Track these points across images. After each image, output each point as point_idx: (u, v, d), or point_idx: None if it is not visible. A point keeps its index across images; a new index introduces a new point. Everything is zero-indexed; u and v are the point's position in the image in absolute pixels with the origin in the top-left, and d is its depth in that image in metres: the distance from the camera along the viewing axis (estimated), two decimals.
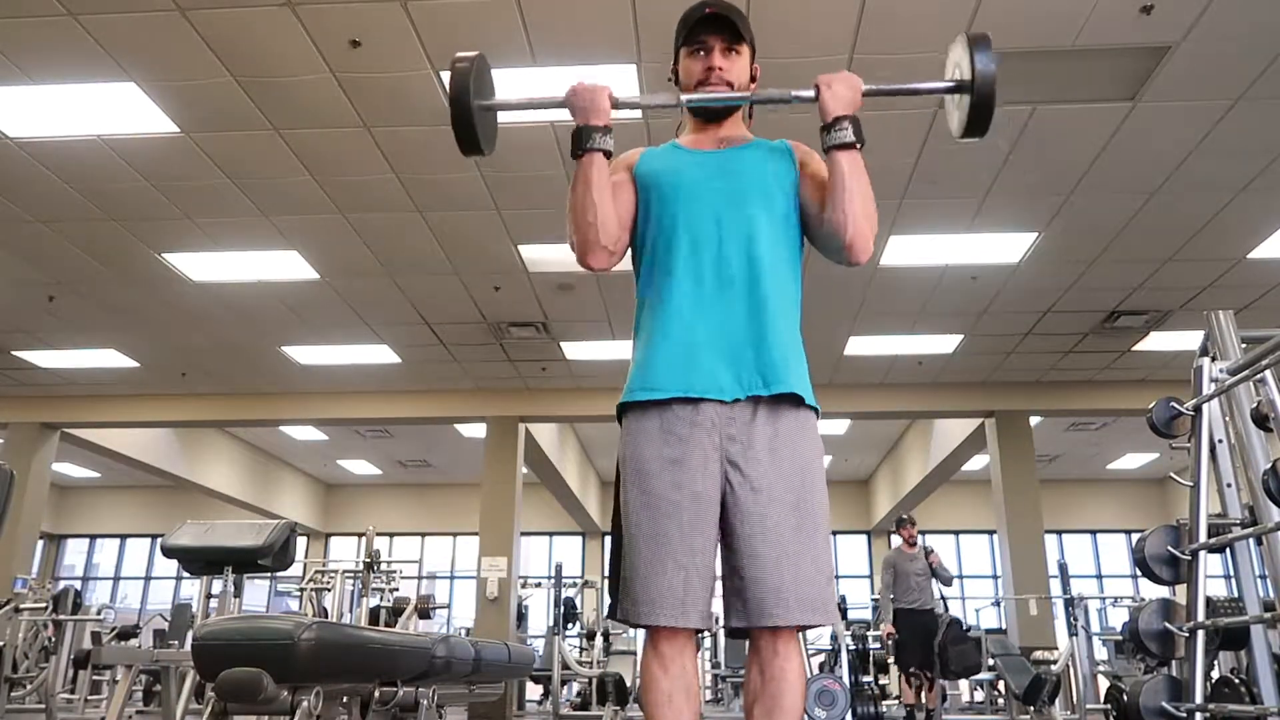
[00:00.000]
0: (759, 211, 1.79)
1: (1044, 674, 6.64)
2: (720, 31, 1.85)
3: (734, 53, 1.86)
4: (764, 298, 1.74)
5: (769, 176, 1.83)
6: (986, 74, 1.73)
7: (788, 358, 1.73)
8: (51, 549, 16.63)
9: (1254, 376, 2.72)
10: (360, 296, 7.73)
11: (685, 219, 1.79)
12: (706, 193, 1.81)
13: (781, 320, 1.76)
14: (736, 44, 1.86)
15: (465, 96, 1.76)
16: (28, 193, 5.99)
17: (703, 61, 1.85)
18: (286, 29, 4.47)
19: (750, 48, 1.90)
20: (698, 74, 1.86)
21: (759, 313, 1.74)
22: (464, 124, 1.78)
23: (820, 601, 1.65)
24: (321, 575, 9.11)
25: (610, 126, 1.76)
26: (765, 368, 1.71)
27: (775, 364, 1.71)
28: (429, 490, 16.46)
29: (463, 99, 1.76)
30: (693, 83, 1.87)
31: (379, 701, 2.44)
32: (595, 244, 1.78)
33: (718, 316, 1.74)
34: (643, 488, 1.69)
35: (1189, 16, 4.36)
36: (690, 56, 1.87)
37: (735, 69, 1.86)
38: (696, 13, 1.86)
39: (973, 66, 1.73)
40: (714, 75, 1.84)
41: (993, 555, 15.53)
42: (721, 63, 1.85)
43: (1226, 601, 2.87)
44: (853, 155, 1.75)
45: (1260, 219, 6.31)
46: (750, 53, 1.90)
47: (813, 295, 2.03)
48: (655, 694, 1.65)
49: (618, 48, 4.63)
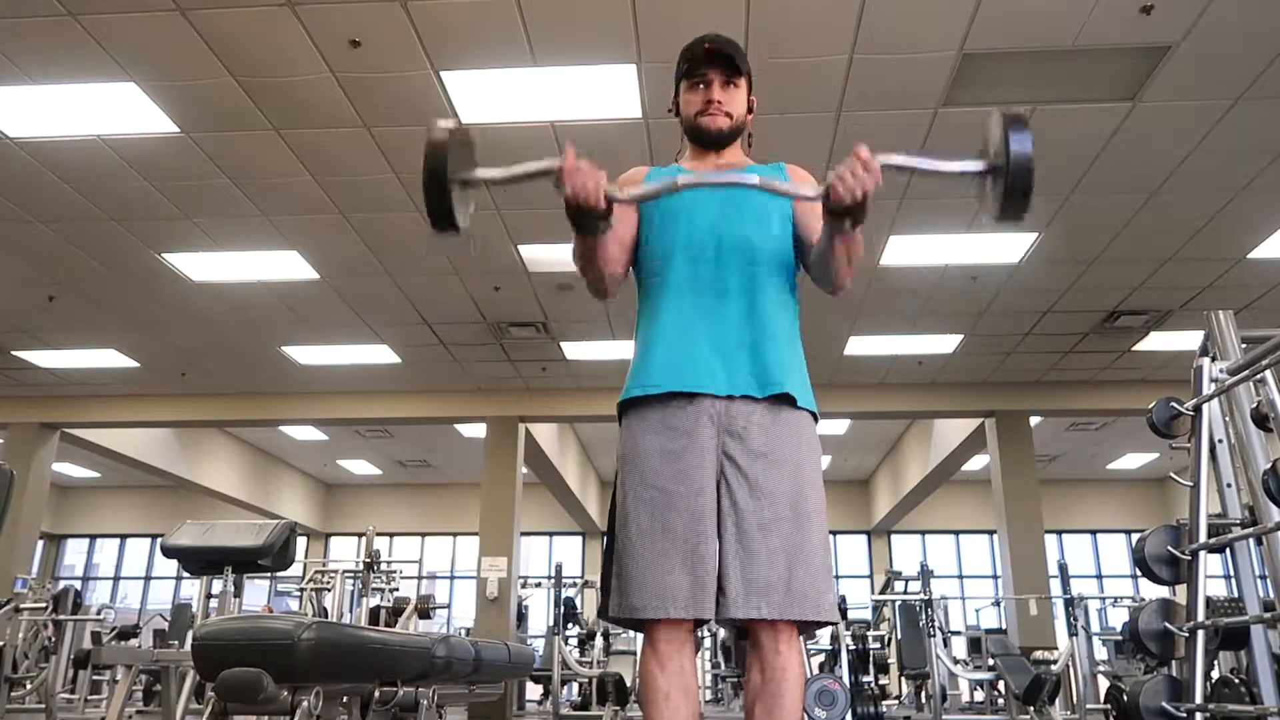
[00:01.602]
0: (756, 229, 1.85)
1: (1044, 674, 6.63)
2: (720, 66, 1.90)
3: (733, 85, 1.92)
4: (761, 306, 1.79)
5: (766, 197, 1.86)
6: (1022, 158, 1.56)
7: (784, 360, 1.77)
8: (51, 549, 16.62)
9: (1254, 376, 2.73)
10: (360, 296, 7.73)
11: (685, 235, 1.85)
12: (706, 210, 1.86)
13: (778, 324, 1.80)
14: (735, 78, 1.92)
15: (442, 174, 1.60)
16: (28, 193, 5.99)
17: (702, 94, 1.91)
18: (286, 29, 4.47)
19: (748, 80, 1.95)
20: (698, 105, 1.92)
21: (755, 318, 1.78)
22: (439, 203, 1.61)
23: (814, 596, 1.66)
24: (321, 575, 9.11)
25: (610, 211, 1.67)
26: (760, 370, 1.75)
27: (770, 366, 1.75)
28: (429, 490, 16.46)
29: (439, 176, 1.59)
30: (693, 113, 1.92)
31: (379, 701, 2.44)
32: (604, 292, 1.88)
33: (715, 321, 1.78)
34: (642, 481, 1.72)
35: (1189, 16, 4.36)
36: (690, 89, 1.93)
37: (734, 101, 1.92)
38: (697, 47, 1.90)
39: (1006, 149, 1.58)
40: (713, 107, 1.90)
41: (993, 555, 15.53)
42: (720, 95, 1.90)
43: (1226, 601, 2.87)
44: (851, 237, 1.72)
45: (1260, 219, 6.31)
46: (748, 85, 1.96)
47: (812, 295, 2.04)
48: (653, 692, 1.66)
49: (618, 48, 4.63)
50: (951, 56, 4.68)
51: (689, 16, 4.30)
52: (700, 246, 1.83)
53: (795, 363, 1.80)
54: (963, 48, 4.61)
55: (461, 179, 1.65)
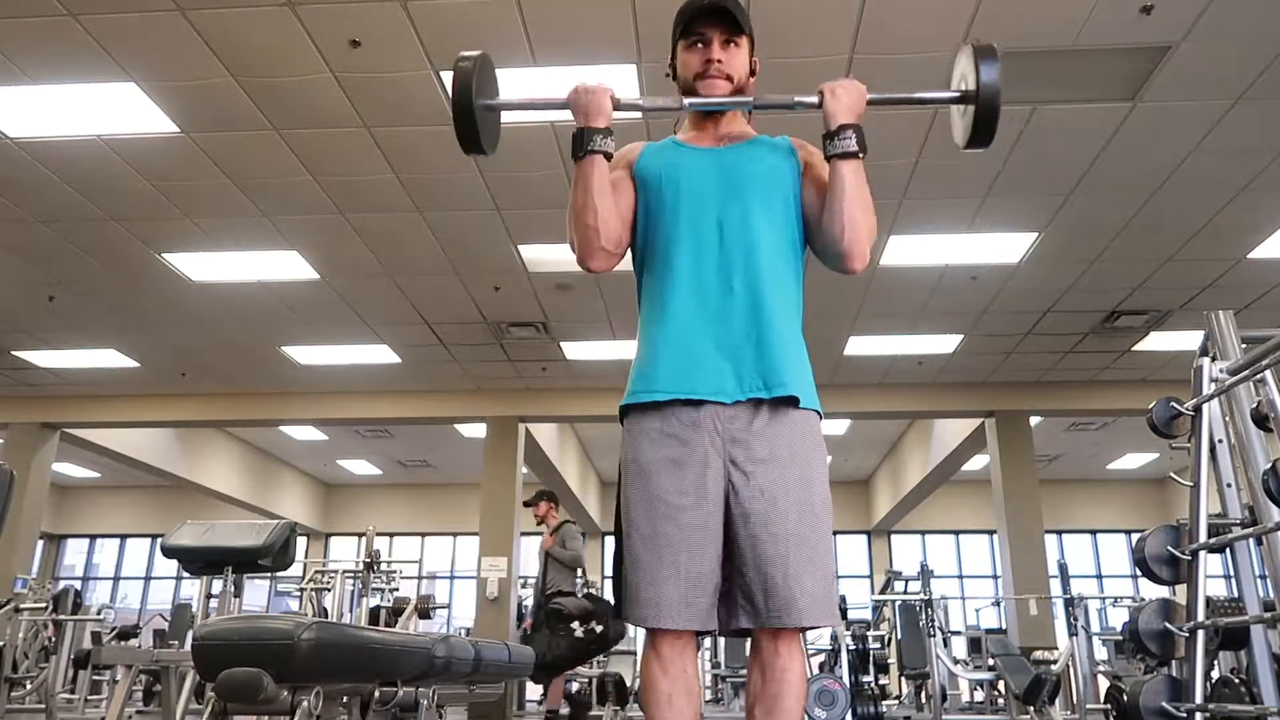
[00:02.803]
0: (760, 211, 1.78)
1: (1044, 674, 6.63)
2: (719, 23, 1.81)
3: (733, 45, 1.83)
4: (765, 300, 1.74)
5: (770, 175, 1.82)
6: (991, 85, 1.73)
7: (789, 360, 1.72)
8: (51, 549, 16.62)
9: (1254, 376, 2.73)
10: (360, 296, 7.73)
11: (686, 219, 1.78)
12: (707, 192, 1.79)
13: (782, 322, 1.75)
14: (736, 36, 1.83)
15: (468, 95, 1.75)
16: (28, 193, 5.99)
17: (701, 54, 1.82)
18: (286, 29, 4.47)
19: (750, 40, 1.87)
20: (696, 67, 1.83)
21: (760, 315, 1.73)
22: (466, 123, 1.77)
23: (823, 603, 1.64)
24: (321, 575, 9.12)
25: (611, 129, 1.75)
26: (766, 370, 1.70)
27: (776, 367, 1.71)
28: (429, 490, 16.45)
29: (466, 97, 1.75)
30: (691, 76, 1.84)
31: (379, 701, 2.44)
32: (596, 246, 1.77)
33: (719, 319, 1.73)
34: (644, 490, 1.69)
35: (1189, 16, 4.36)
36: (688, 49, 1.84)
37: (734, 62, 1.83)
38: (695, 4, 1.82)
39: (978, 77, 1.74)
40: (712, 68, 1.81)
41: (993, 555, 15.53)
42: (720, 55, 1.81)
43: (1226, 601, 2.87)
44: (855, 164, 1.74)
45: (1260, 219, 6.31)
46: (750, 45, 1.88)
47: (813, 295, 2.03)
48: (655, 695, 1.65)
49: (618, 48, 4.63)
50: (952, 56, 4.67)
51: None
52: (704, 238, 1.76)
53: (800, 361, 1.76)
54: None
55: (485, 105, 1.80)
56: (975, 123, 1.76)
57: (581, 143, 1.75)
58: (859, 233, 1.74)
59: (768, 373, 1.70)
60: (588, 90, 1.76)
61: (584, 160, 1.75)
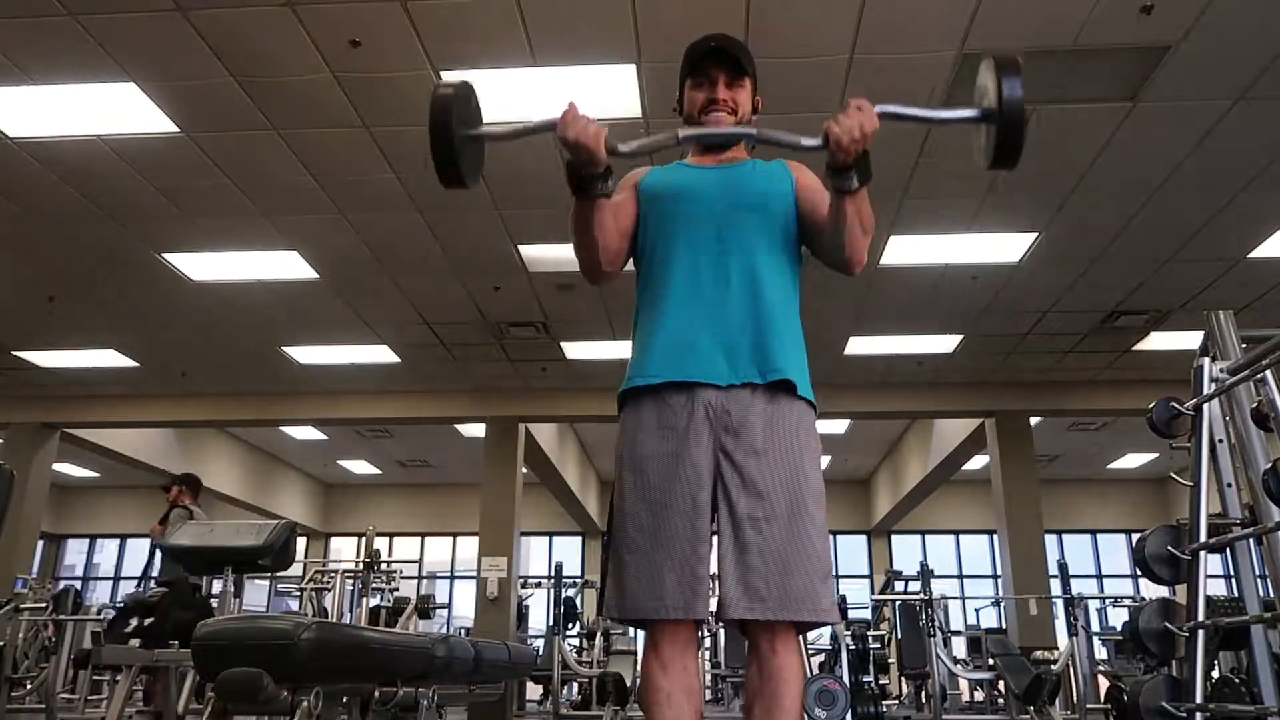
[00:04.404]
0: (758, 220, 1.84)
1: (1044, 674, 6.63)
2: (724, 64, 1.89)
3: (737, 85, 1.90)
4: (763, 292, 1.78)
5: (768, 188, 1.88)
6: (1014, 102, 1.60)
7: (786, 347, 1.76)
8: (51, 549, 16.62)
9: (1254, 376, 2.73)
10: (360, 296, 7.73)
11: (686, 225, 1.84)
12: (707, 198, 1.86)
13: (780, 313, 1.79)
14: (739, 77, 1.90)
15: (447, 127, 1.64)
16: (28, 193, 5.99)
17: (706, 93, 1.90)
18: (286, 29, 4.47)
19: (753, 80, 1.94)
20: (701, 104, 1.90)
21: (757, 305, 1.77)
22: (445, 154, 1.65)
23: (811, 597, 1.65)
24: (321, 575, 9.12)
25: (610, 170, 1.71)
26: (762, 356, 1.74)
27: (773, 352, 1.74)
28: (429, 490, 16.45)
29: (445, 129, 1.64)
30: (696, 112, 1.90)
31: (379, 701, 2.45)
32: (600, 271, 1.86)
33: (715, 308, 1.77)
34: (638, 481, 1.71)
35: (1189, 16, 4.36)
36: (695, 88, 1.92)
37: (738, 99, 1.90)
38: (702, 46, 1.90)
39: (1000, 93, 1.61)
40: (716, 105, 1.88)
41: (993, 555, 15.53)
42: (725, 94, 1.89)
43: (1226, 601, 2.87)
44: (857, 197, 1.74)
45: (1260, 219, 6.31)
46: (752, 85, 1.94)
47: (813, 295, 2.04)
48: (655, 694, 1.65)
49: (618, 48, 4.63)
50: (951, 56, 4.68)
51: (689, 16, 4.30)
52: (702, 237, 1.82)
53: (797, 351, 1.79)
54: (963, 47, 4.61)
55: (466, 135, 1.69)
56: (1000, 143, 1.64)
57: (584, 189, 1.73)
58: (858, 245, 1.80)
59: (763, 358, 1.73)
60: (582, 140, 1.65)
61: (585, 202, 1.76)
